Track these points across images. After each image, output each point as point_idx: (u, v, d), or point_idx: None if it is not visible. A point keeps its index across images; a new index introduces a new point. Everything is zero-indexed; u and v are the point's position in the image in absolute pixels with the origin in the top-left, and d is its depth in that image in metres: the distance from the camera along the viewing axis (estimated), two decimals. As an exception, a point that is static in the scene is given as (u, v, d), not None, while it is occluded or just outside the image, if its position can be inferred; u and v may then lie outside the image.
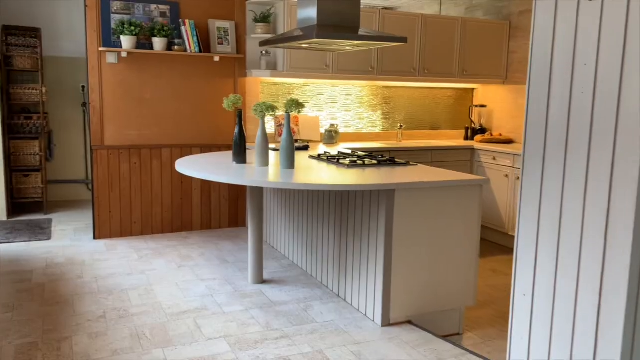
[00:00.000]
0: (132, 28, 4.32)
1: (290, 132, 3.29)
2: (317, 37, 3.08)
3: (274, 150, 4.25)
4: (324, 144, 5.10)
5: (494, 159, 5.12)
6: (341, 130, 5.43)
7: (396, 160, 3.71)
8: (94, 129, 4.50)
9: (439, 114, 5.93)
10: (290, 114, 3.33)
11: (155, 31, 4.42)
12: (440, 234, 3.10)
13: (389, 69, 5.19)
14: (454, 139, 5.93)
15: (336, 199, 3.46)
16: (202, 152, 4.89)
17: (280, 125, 5.01)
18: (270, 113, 3.36)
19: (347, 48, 3.72)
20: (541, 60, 1.93)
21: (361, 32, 3.37)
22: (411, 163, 3.66)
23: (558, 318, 1.90)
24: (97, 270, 3.84)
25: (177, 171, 4.80)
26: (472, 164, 5.38)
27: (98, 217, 4.60)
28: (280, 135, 5.06)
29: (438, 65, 5.41)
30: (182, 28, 4.54)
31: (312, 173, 3.17)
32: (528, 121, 2.00)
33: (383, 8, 7.49)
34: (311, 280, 3.73)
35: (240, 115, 3.49)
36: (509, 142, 5.55)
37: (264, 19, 4.75)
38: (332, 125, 5.19)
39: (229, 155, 3.91)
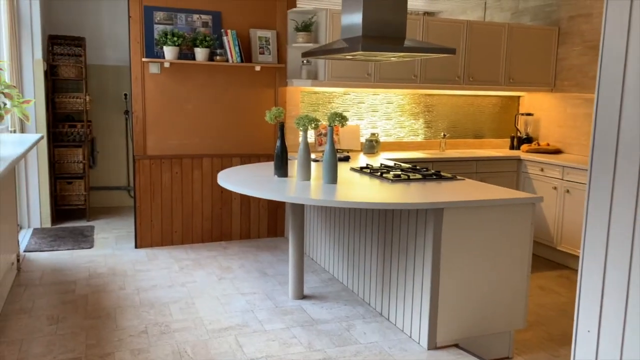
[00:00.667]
0: (175, 39, 4.32)
1: (333, 146, 3.21)
2: (363, 50, 2.99)
3: (315, 161, 4.18)
4: (364, 153, 5.00)
5: (542, 170, 4.93)
6: (382, 139, 5.33)
7: (442, 174, 3.58)
8: (136, 139, 4.53)
9: (483, 122, 5.76)
10: (332, 125, 3.25)
11: (198, 41, 4.41)
12: (489, 254, 2.96)
13: (432, 77, 5.06)
14: (498, 148, 5.75)
15: (380, 214, 3.36)
16: (242, 162, 4.86)
17: (321, 134, 4.95)
18: (313, 126, 3.30)
19: (392, 59, 3.62)
20: (612, 73, 1.80)
21: (407, 42, 3.27)
22: (458, 177, 3.54)
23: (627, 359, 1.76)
24: (139, 281, 3.85)
25: (217, 181, 4.79)
26: (519, 175, 5.20)
27: (139, 226, 4.62)
28: (320, 144, 4.99)
29: (484, 73, 5.25)
30: (224, 38, 4.52)
31: (355, 188, 3.09)
32: (595, 144, 1.87)
33: (424, 13, 7.35)
34: (353, 297, 3.64)
35: (282, 128, 3.43)
36: (557, 152, 5.35)
37: (306, 27, 4.70)
38: (372, 134, 5.09)
39: (270, 166, 3.87)
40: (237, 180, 3.31)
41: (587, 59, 5.13)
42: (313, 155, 4.53)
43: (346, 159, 4.40)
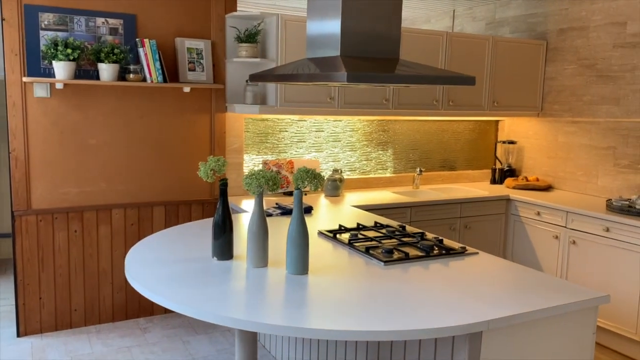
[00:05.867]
0: (69, 51, 3.12)
1: (302, 219, 2.16)
2: (351, 81, 1.95)
3: (268, 215, 3.12)
4: (326, 196, 3.98)
5: (538, 214, 4.09)
6: (345, 174, 4.32)
7: (447, 245, 2.61)
8: (15, 188, 3.27)
9: (458, 151, 4.88)
10: (301, 188, 2.20)
11: (102, 55, 3.23)
12: (537, 382, 2.01)
13: (406, 101, 4.10)
14: (477, 182, 4.89)
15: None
16: (167, 213, 3.70)
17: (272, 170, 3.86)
18: (272, 188, 2.23)
19: (377, 86, 2.62)
20: None
21: (406, 68, 2.27)
22: (468, 250, 2.58)
23: None
24: (12, 408, 2.63)
25: (132, 237, 3.61)
26: (508, 219, 4.33)
27: (23, 306, 3.36)
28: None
29: (465, 96, 4.36)
30: (140, 50, 3.36)
31: (335, 280, 2.05)
32: None
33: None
34: (328, 423, 2.60)
35: (224, 189, 2.33)
36: (547, 188, 4.54)
37: (250, 37, 3.61)
38: (335, 170, 4.07)
39: (207, 229, 2.75)
40: (154, 270, 2.18)
41: (582, 79, 4.35)
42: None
43: (308, 210, 3.36)
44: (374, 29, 2.34)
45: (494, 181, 4.83)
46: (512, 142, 4.89)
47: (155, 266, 2.24)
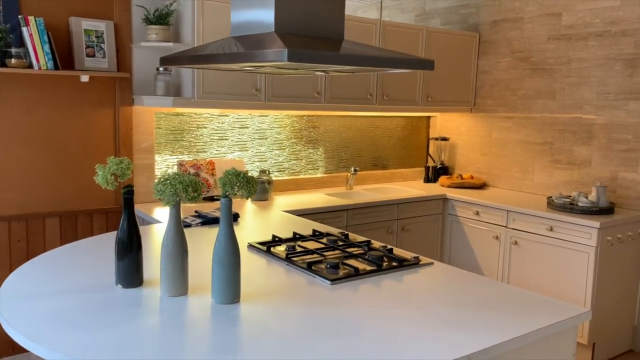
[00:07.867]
0: None
1: (232, 235, 1.74)
2: (293, 60, 1.55)
3: (186, 225, 2.65)
4: (253, 200, 3.54)
5: (477, 213, 3.88)
6: (273, 176, 3.91)
7: (397, 255, 2.27)
8: None
9: (390, 149, 4.61)
10: (230, 195, 1.77)
11: (-28, 33, 2.61)
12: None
13: (339, 95, 3.76)
14: (410, 181, 4.65)
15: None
16: (62, 223, 3.11)
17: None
18: (190, 196, 1.78)
19: (317, 73, 2.24)
20: None
21: (351, 47, 1.90)
22: (421, 260, 2.26)
23: None
24: None
25: (20, 255, 3.00)
26: (444, 219, 4.11)
27: None
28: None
29: (399, 90, 4.08)
30: (24, 30, 2.76)
31: (274, 311, 1.64)
32: None
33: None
34: None
35: (129, 198, 1.85)
36: (482, 186, 4.37)
37: (161, 19, 3.11)
38: (262, 171, 3.65)
39: (111, 247, 2.24)
40: (37, 304, 1.67)
41: (516, 73, 4.21)
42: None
43: (234, 218, 2.90)
44: (314, 6, 1.95)
45: (427, 179, 4.61)
46: (444, 139, 4.69)
47: (38, 299, 1.72)
